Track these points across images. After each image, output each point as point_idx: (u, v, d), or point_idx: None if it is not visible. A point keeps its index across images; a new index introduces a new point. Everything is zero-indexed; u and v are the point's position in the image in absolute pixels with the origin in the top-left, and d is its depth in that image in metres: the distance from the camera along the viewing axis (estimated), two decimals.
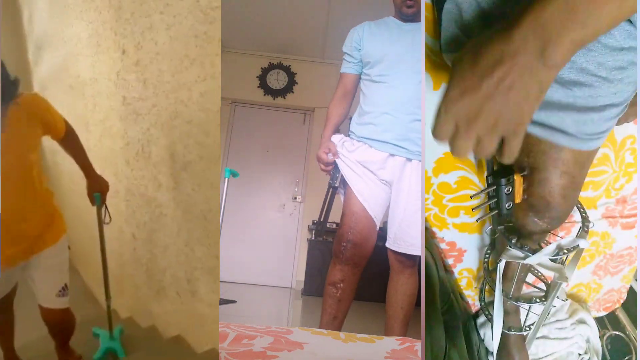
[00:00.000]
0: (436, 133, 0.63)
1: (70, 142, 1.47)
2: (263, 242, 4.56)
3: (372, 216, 1.86)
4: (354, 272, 1.86)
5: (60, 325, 1.47)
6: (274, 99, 4.71)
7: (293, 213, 4.65)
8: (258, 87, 4.71)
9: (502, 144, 0.62)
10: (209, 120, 1.53)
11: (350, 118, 2.03)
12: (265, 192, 4.64)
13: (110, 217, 1.56)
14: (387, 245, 1.88)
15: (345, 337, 1.32)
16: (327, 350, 1.20)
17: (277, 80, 4.73)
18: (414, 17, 1.87)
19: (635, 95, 0.74)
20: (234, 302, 3.49)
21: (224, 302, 3.39)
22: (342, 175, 1.90)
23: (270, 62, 4.72)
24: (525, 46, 0.54)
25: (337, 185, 1.94)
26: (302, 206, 4.64)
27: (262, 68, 4.71)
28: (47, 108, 1.33)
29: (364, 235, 1.85)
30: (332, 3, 3.77)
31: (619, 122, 0.97)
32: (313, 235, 4.42)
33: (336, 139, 1.97)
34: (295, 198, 4.65)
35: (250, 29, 4.25)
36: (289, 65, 4.72)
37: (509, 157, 0.63)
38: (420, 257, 1.80)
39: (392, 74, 1.82)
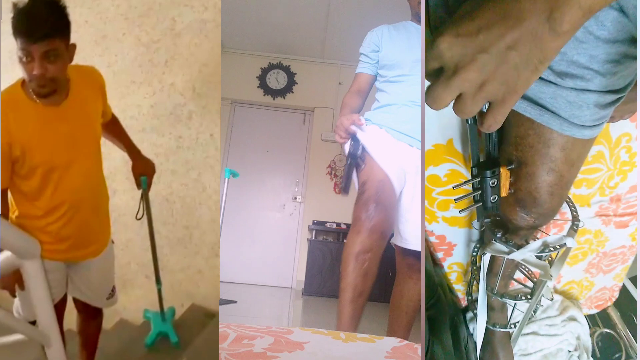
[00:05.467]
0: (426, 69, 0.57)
1: (117, 124, 1.45)
2: (263, 242, 4.56)
3: (395, 188, 1.70)
4: (380, 244, 1.60)
5: (99, 318, 1.46)
6: (274, 99, 4.71)
7: (293, 213, 4.65)
8: (258, 87, 4.72)
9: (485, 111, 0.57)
10: (161, 125, 1.78)
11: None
12: (265, 192, 4.65)
13: (143, 211, 1.52)
14: (399, 243, 1.80)
15: (345, 337, 1.32)
16: (327, 350, 1.20)
17: (277, 80, 4.73)
18: None
19: (631, 91, 0.72)
20: (234, 302, 3.49)
21: (224, 302, 3.39)
22: (362, 146, 1.77)
23: (270, 62, 4.73)
24: (533, 7, 0.49)
25: (359, 154, 1.76)
26: (302, 206, 4.64)
27: (261, 68, 4.72)
28: (105, 84, 1.32)
29: (391, 201, 1.65)
30: (332, 3, 3.77)
31: (614, 120, 0.96)
32: (313, 235, 4.41)
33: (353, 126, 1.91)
34: (295, 198, 4.65)
35: (250, 29, 4.26)
36: (289, 65, 4.72)
37: (490, 126, 0.57)
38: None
39: (412, 75, 1.81)
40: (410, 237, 1.77)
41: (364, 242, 1.57)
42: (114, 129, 1.45)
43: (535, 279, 1.00)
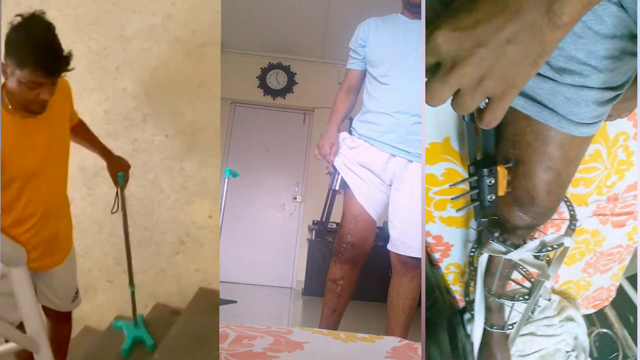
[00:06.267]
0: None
1: (84, 127, 1.46)
2: (263, 242, 4.55)
3: (372, 216, 1.88)
4: (353, 269, 1.93)
5: (68, 325, 1.47)
6: (274, 99, 4.71)
7: (293, 213, 4.64)
8: (258, 87, 4.71)
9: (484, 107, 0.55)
10: (116, 130, 1.90)
11: (351, 119, 2.03)
12: (265, 192, 4.64)
13: (118, 206, 1.56)
14: (388, 247, 1.88)
15: (345, 337, 1.32)
16: (327, 350, 1.20)
17: (277, 80, 4.72)
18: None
19: (628, 89, 0.71)
20: (234, 302, 3.48)
21: (224, 302, 3.38)
22: (341, 177, 1.92)
23: (270, 62, 4.71)
24: None
25: (336, 188, 1.97)
26: (302, 206, 4.64)
27: (261, 68, 4.71)
28: (70, 92, 1.32)
29: (362, 236, 1.89)
30: (332, 3, 3.77)
31: (612, 118, 0.95)
32: (313, 235, 4.41)
33: (339, 137, 1.97)
34: (295, 198, 4.65)
35: (250, 29, 4.25)
36: (289, 65, 4.72)
37: (489, 123, 0.56)
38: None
39: (395, 75, 1.81)
40: (398, 243, 1.83)
41: (337, 272, 1.93)
42: (82, 132, 1.45)
43: (532, 279, 0.99)
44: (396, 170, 1.82)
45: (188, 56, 1.92)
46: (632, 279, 1.29)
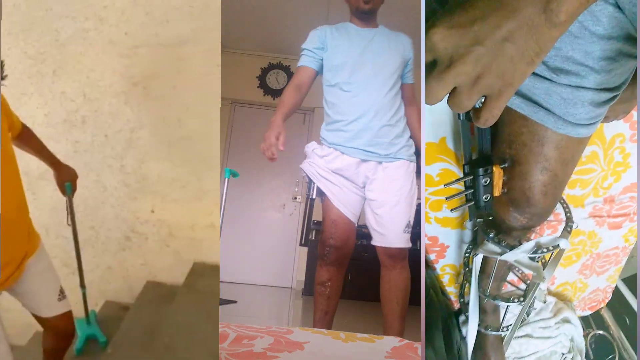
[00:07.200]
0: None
1: (29, 136, 1.41)
2: (263, 242, 4.55)
3: (350, 218, 1.93)
4: (338, 270, 1.96)
5: (67, 331, 1.38)
6: (274, 99, 4.69)
7: (293, 213, 4.64)
8: (258, 87, 4.70)
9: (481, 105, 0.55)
10: (57, 133, 1.97)
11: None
12: (265, 192, 4.63)
13: (73, 220, 1.57)
14: (373, 243, 1.93)
15: (345, 337, 1.32)
16: (327, 350, 1.20)
17: (277, 80, 4.71)
18: (371, 16, 1.91)
19: (625, 91, 0.70)
20: (234, 302, 3.48)
21: (224, 302, 3.37)
22: (316, 186, 1.97)
23: (270, 62, 4.70)
24: None
25: (313, 197, 2.02)
26: (302, 206, 4.63)
27: (261, 68, 4.70)
28: (3, 100, 1.24)
29: (343, 239, 1.94)
30: (332, 3, 3.76)
31: (609, 120, 0.95)
32: (313, 235, 4.40)
33: (308, 147, 2.05)
34: (295, 198, 4.64)
35: (250, 29, 4.24)
36: (289, 65, 4.71)
37: (486, 121, 0.56)
38: (409, 250, 1.82)
39: (356, 83, 1.84)
40: (381, 237, 1.88)
41: (324, 275, 1.94)
42: (29, 140, 1.40)
43: (528, 281, 0.99)
44: (368, 172, 1.87)
45: (122, 57, 1.97)
46: (628, 281, 1.29)
